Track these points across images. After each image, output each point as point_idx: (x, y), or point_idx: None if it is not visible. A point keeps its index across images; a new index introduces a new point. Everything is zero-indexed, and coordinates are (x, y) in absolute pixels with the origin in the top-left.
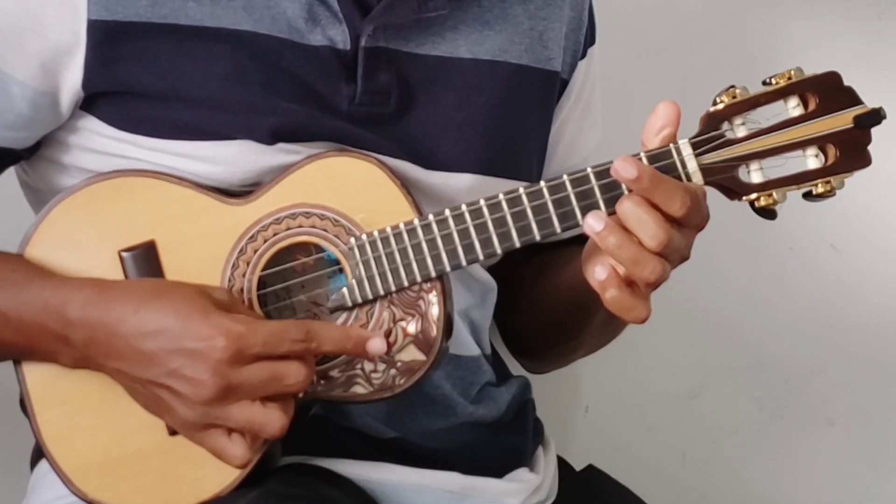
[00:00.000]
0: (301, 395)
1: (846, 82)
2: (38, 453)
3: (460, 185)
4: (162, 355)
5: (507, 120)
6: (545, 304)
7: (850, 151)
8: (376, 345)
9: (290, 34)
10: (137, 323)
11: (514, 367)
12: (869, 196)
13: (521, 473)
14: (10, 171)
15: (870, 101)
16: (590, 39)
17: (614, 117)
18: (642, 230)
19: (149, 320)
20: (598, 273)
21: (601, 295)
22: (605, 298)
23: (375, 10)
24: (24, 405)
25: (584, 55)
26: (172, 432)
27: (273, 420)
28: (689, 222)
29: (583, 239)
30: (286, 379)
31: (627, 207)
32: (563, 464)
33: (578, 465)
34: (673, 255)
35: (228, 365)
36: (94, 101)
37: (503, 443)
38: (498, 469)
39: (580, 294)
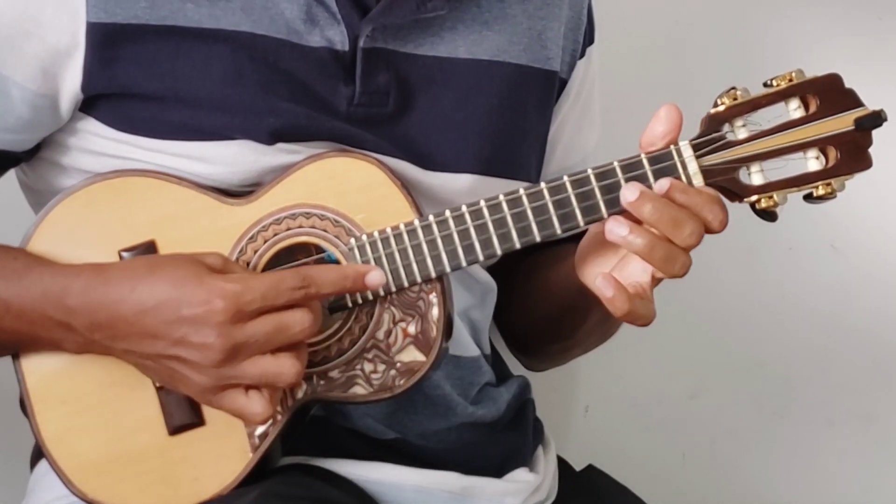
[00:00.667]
0: (302, 393)
1: (846, 83)
2: (38, 453)
3: (459, 185)
4: (165, 327)
5: (506, 120)
6: (537, 303)
7: (851, 153)
8: (375, 277)
9: (289, 35)
10: (136, 301)
11: (514, 367)
12: (869, 196)
13: (521, 473)
14: (10, 172)
15: (869, 100)
16: (589, 39)
17: (613, 117)
18: (679, 229)
19: (146, 296)
20: (604, 289)
21: (610, 309)
22: (617, 314)
23: (374, 10)
24: (23, 405)
25: (582, 55)
26: (172, 432)
27: (286, 367)
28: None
29: (576, 237)
30: (291, 327)
31: (655, 209)
32: (562, 464)
33: (578, 465)
34: None
35: (231, 324)
36: (93, 102)
37: (503, 443)
38: (497, 469)
39: (573, 293)
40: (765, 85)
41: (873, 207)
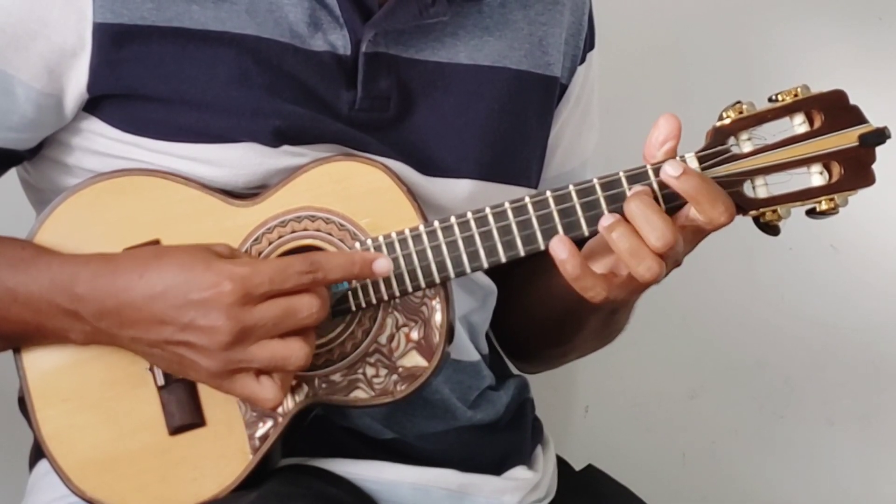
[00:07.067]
0: (303, 396)
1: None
2: (37, 453)
3: (459, 190)
4: (173, 312)
5: (507, 125)
6: (538, 306)
7: (855, 169)
8: (383, 264)
9: (292, 39)
10: (145, 287)
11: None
12: (869, 196)
13: (520, 471)
14: (11, 171)
15: (869, 101)
16: (589, 44)
17: (612, 121)
18: (650, 228)
19: (155, 282)
20: (558, 250)
21: (561, 270)
22: (568, 277)
23: (376, 15)
24: (22, 405)
25: (583, 60)
26: (173, 432)
27: (296, 351)
28: (703, 233)
29: (579, 243)
30: (300, 311)
31: (635, 207)
32: (562, 463)
33: (578, 465)
34: (670, 259)
35: (240, 307)
36: (97, 103)
37: (501, 442)
38: (496, 467)
39: (573, 299)
40: (770, 100)
41: (872, 208)
